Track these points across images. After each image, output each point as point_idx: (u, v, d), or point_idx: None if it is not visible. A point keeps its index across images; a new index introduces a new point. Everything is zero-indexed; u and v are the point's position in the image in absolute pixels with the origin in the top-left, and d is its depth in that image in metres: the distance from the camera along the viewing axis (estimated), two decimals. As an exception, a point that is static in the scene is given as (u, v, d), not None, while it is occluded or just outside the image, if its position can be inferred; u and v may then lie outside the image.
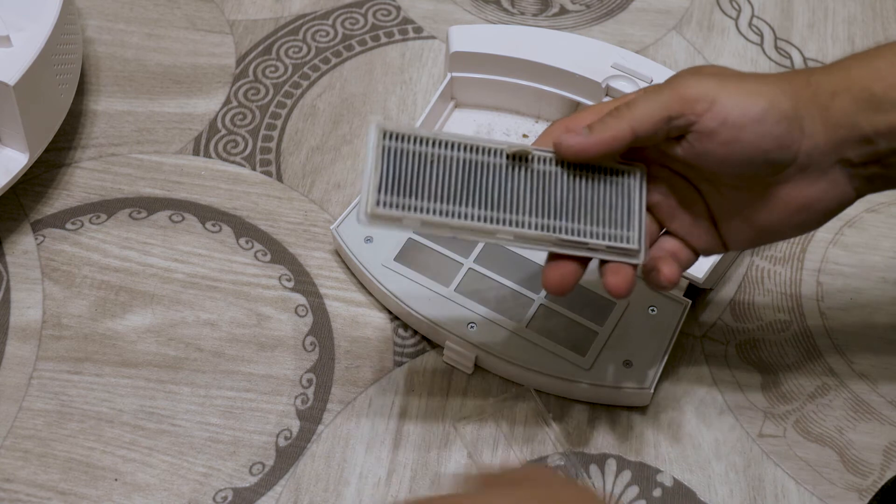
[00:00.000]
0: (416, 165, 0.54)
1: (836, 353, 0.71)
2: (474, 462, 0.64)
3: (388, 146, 0.54)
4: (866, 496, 0.65)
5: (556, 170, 0.56)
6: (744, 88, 0.53)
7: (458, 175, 0.54)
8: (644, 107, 0.53)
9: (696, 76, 0.54)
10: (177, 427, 0.67)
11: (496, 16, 0.90)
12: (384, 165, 0.53)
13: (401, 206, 0.54)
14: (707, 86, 0.53)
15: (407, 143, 0.54)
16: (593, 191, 0.56)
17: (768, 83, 0.54)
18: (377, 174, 0.53)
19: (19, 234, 0.76)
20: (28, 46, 0.72)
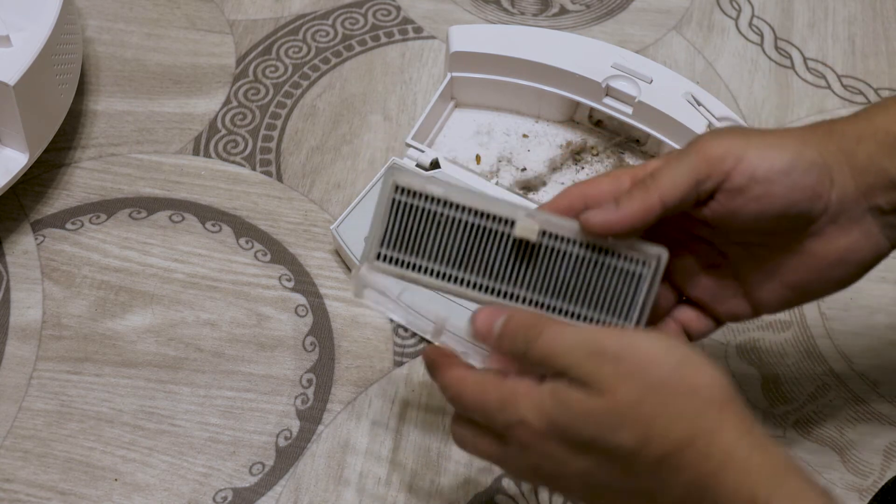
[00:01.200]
0: (423, 224, 0.53)
1: (836, 352, 0.71)
2: None
3: (398, 200, 0.53)
4: (866, 496, 0.65)
5: (565, 247, 0.53)
6: (768, 142, 0.52)
7: (463, 240, 0.53)
8: (670, 175, 0.51)
9: (717, 136, 0.53)
10: (177, 427, 0.67)
11: (496, 16, 0.90)
12: (391, 220, 0.53)
13: (401, 264, 0.53)
14: (731, 143, 0.52)
15: (418, 199, 0.53)
16: (600, 274, 0.54)
17: (792, 135, 0.53)
18: (382, 228, 0.53)
19: (19, 234, 0.76)
20: (28, 46, 0.72)
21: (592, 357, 0.47)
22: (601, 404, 0.47)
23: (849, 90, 0.86)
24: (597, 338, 0.48)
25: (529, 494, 0.65)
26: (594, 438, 0.47)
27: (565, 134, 0.80)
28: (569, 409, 0.47)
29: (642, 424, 0.46)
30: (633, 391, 0.46)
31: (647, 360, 0.47)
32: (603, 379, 0.47)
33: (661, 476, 0.47)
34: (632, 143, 0.80)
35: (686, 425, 0.46)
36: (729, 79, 0.86)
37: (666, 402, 0.46)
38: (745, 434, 0.46)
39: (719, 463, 0.45)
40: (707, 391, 0.47)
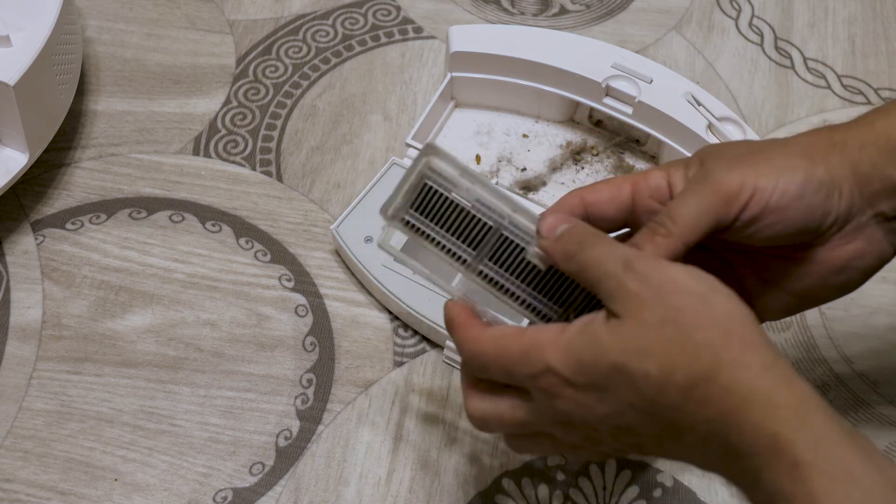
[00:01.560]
0: (446, 207, 0.53)
1: (836, 352, 0.71)
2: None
3: (428, 176, 0.53)
4: (866, 496, 0.65)
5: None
6: (777, 167, 0.52)
7: (482, 231, 0.53)
8: (690, 216, 0.51)
9: (728, 167, 0.52)
10: (177, 427, 0.67)
11: (496, 16, 0.90)
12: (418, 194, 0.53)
13: (418, 231, 0.54)
14: (742, 174, 0.51)
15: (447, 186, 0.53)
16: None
17: (798, 154, 0.52)
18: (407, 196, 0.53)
19: (19, 234, 0.76)
20: (28, 46, 0.72)
21: (626, 271, 0.48)
22: (627, 328, 0.47)
23: (849, 90, 0.86)
24: (634, 256, 0.48)
25: (529, 495, 0.65)
26: (622, 365, 0.47)
27: (565, 134, 0.80)
28: (596, 341, 0.47)
29: (667, 352, 0.46)
30: (656, 314, 0.46)
31: (672, 285, 0.47)
32: (630, 296, 0.47)
33: (687, 410, 0.46)
34: (632, 143, 0.80)
35: (709, 356, 0.46)
36: (729, 79, 0.86)
37: (689, 329, 0.46)
38: (768, 368, 0.45)
39: (742, 398, 0.45)
40: (731, 323, 0.46)
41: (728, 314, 0.47)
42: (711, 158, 0.53)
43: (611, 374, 0.47)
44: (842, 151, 0.53)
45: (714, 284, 0.48)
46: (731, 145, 0.54)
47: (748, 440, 0.45)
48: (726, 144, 0.54)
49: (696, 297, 0.47)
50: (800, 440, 0.44)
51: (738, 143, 0.55)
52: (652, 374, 0.46)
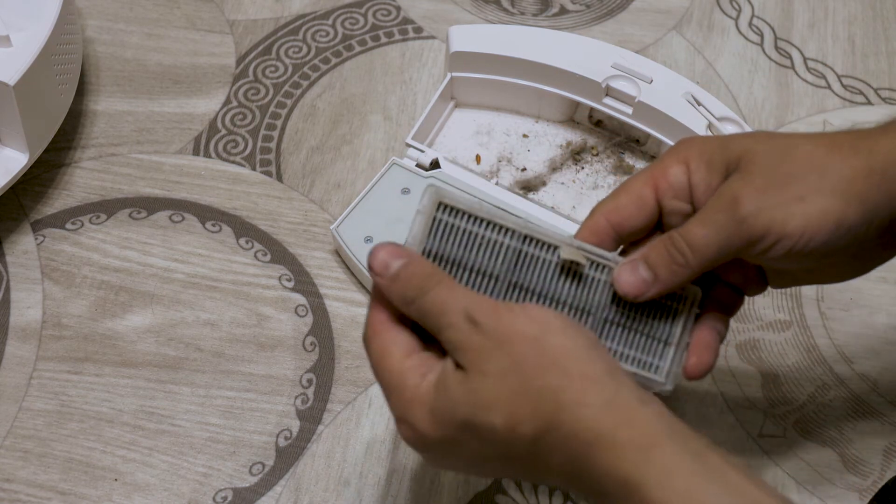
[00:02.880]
0: (463, 244, 0.51)
1: (836, 352, 0.71)
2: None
3: (440, 219, 0.51)
4: (866, 496, 0.65)
5: (605, 279, 0.53)
6: (808, 209, 0.49)
7: (503, 262, 0.52)
8: (708, 249, 0.50)
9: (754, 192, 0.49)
10: (177, 427, 0.67)
11: (496, 16, 0.90)
12: (431, 239, 0.51)
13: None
14: (770, 215, 0.49)
15: (460, 219, 0.51)
16: (636, 310, 0.53)
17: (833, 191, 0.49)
18: (421, 247, 0.51)
19: (19, 234, 0.76)
20: (28, 46, 0.72)
21: (467, 323, 0.47)
22: (473, 381, 0.46)
23: (849, 90, 0.86)
24: (475, 305, 0.47)
25: (529, 494, 0.65)
26: (469, 420, 0.46)
27: (565, 134, 0.80)
28: (447, 395, 0.47)
29: (511, 403, 0.45)
30: (499, 365, 0.46)
31: (511, 333, 0.46)
32: (473, 349, 0.46)
33: (540, 458, 0.46)
34: (632, 143, 0.80)
35: (551, 402, 0.45)
36: (729, 79, 0.86)
37: (529, 377, 0.45)
38: (608, 404, 0.44)
39: (586, 443, 0.44)
40: (567, 361, 0.45)
41: (564, 353, 0.46)
42: (740, 175, 0.50)
43: (461, 428, 0.47)
44: (880, 183, 0.50)
45: (549, 324, 0.46)
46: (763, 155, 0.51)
47: (601, 483, 0.44)
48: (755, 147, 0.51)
49: (531, 342, 0.46)
50: (648, 479, 0.43)
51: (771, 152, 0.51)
52: (497, 428, 0.46)
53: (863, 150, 0.50)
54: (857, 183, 0.49)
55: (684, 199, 0.52)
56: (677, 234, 0.51)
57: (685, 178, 0.52)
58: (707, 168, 0.52)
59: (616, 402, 0.45)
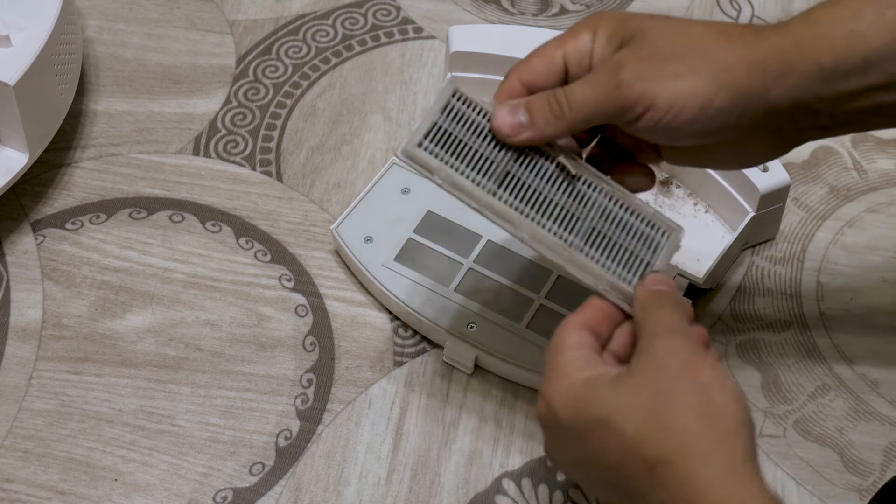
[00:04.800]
0: (471, 133, 0.55)
1: (836, 352, 0.71)
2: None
3: (453, 104, 0.56)
4: (866, 496, 0.65)
5: (598, 197, 0.56)
6: (680, 85, 0.52)
7: (505, 159, 0.55)
8: (584, 108, 0.53)
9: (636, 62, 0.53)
10: (177, 427, 0.67)
11: (496, 16, 0.90)
12: (442, 118, 0.55)
13: (441, 159, 0.55)
14: (644, 86, 0.52)
15: (472, 110, 0.56)
16: (622, 229, 0.56)
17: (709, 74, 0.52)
18: (431, 121, 0.55)
19: (19, 234, 0.76)
20: (28, 46, 0.72)
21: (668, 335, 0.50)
22: (627, 387, 0.48)
23: (849, 90, 0.86)
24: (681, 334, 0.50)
25: (530, 495, 0.65)
26: (604, 418, 0.48)
27: (565, 134, 0.80)
28: (595, 390, 0.49)
29: (647, 420, 0.47)
30: (659, 385, 0.48)
31: (691, 370, 0.48)
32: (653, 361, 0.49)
33: (645, 485, 0.47)
34: (632, 143, 0.80)
35: (680, 441, 0.46)
36: (729, 79, 0.86)
37: (675, 410, 0.47)
38: (732, 468, 0.46)
39: (696, 491, 0.46)
40: (717, 420, 0.47)
41: (720, 412, 0.47)
42: (629, 47, 0.54)
43: (594, 424, 0.48)
44: (758, 74, 0.52)
45: (724, 382, 0.49)
46: (656, 32, 0.54)
47: None
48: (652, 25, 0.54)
49: (701, 386, 0.48)
50: None
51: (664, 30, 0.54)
52: (626, 436, 0.47)
53: (750, 41, 0.53)
54: (735, 71, 0.52)
55: (585, 67, 0.55)
56: (561, 90, 0.54)
57: (590, 46, 0.55)
58: (607, 39, 0.55)
59: (739, 472, 0.46)
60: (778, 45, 0.53)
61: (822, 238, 0.77)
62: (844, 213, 0.78)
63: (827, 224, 0.77)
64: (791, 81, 0.52)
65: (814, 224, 0.77)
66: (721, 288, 0.74)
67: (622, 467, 0.48)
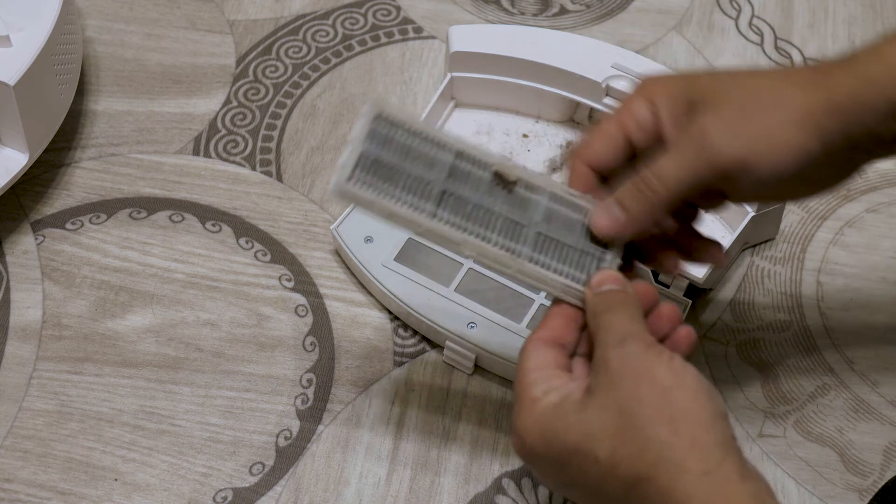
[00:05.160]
0: (400, 155, 0.53)
1: (836, 353, 0.71)
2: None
3: (377, 129, 0.52)
4: (866, 496, 0.65)
5: (540, 199, 0.54)
6: (772, 139, 0.51)
7: (440, 177, 0.53)
8: (677, 182, 0.52)
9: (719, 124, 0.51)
10: (177, 427, 0.67)
11: (496, 16, 0.90)
12: (369, 145, 0.52)
13: (374, 189, 0.52)
14: (736, 148, 0.51)
15: (398, 131, 0.53)
16: (569, 229, 0.55)
17: (795, 122, 0.51)
18: (357, 151, 0.52)
19: (19, 234, 0.76)
20: (28, 46, 0.72)
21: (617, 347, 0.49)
22: (591, 410, 0.48)
23: (849, 90, 0.86)
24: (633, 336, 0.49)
25: (529, 495, 0.65)
26: (576, 447, 0.48)
27: (565, 134, 0.80)
28: (563, 417, 0.49)
29: (616, 440, 0.47)
30: (619, 399, 0.48)
31: (646, 374, 0.48)
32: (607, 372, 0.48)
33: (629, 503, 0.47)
34: (632, 143, 0.80)
35: (654, 454, 0.46)
36: (729, 79, 0.86)
37: (642, 423, 0.47)
38: (709, 473, 0.46)
39: (678, 502, 0.46)
40: (684, 421, 0.47)
41: (684, 412, 0.47)
42: (704, 109, 0.52)
43: (568, 453, 0.48)
44: (839, 116, 0.52)
45: (683, 379, 0.48)
46: (725, 88, 0.53)
47: None
48: (718, 84, 0.53)
49: (660, 390, 0.47)
50: None
51: (733, 85, 0.53)
52: (600, 460, 0.47)
53: (822, 84, 0.52)
54: (817, 116, 0.52)
55: (652, 136, 0.54)
56: (647, 170, 0.52)
57: (651, 117, 0.54)
58: (672, 104, 0.53)
59: (716, 473, 0.46)
60: (851, 86, 0.52)
61: (822, 238, 0.77)
62: (844, 213, 0.78)
63: (827, 224, 0.77)
64: (867, 119, 0.52)
65: (814, 224, 0.77)
66: (721, 288, 0.74)
67: (604, 489, 0.48)
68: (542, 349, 0.52)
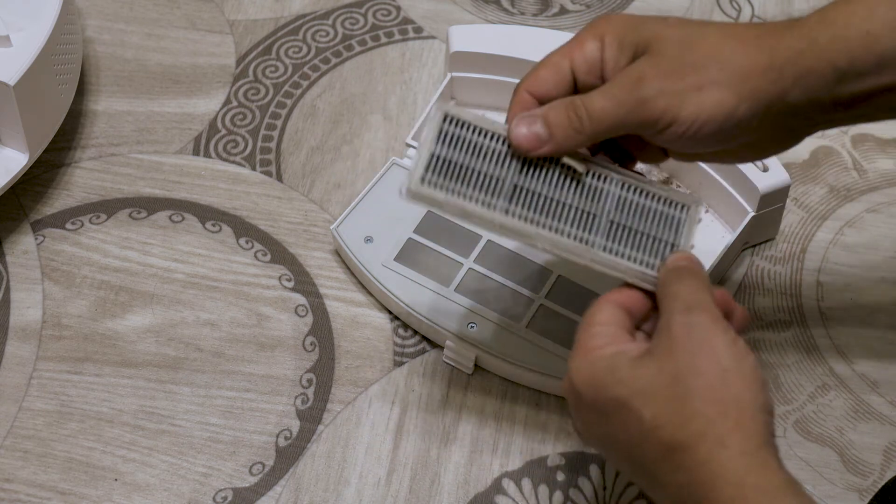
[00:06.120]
0: (470, 154, 0.55)
1: (836, 353, 0.71)
2: None
3: (446, 130, 0.55)
4: (866, 496, 0.65)
5: (608, 188, 0.56)
6: (703, 97, 0.52)
7: (510, 173, 0.55)
8: (605, 121, 0.53)
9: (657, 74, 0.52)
10: (177, 427, 0.67)
11: (496, 16, 0.90)
12: (438, 147, 0.54)
13: (446, 189, 0.54)
14: (668, 100, 0.52)
15: (466, 131, 0.55)
16: (640, 215, 0.56)
17: (730, 83, 0.52)
18: (428, 153, 0.54)
19: (19, 234, 0.76)
20: (28, 46, 0.72)
21: (683, 314, 0.50)
22: (646, 369, 0.48)
23: (849, 90, 0.86)
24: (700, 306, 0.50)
25: (529, 495, 0.65)
26: (623, 401, 0.48)
27: (565, 134, 0.80)
28: (616, 369, 0.49)
29: (665, 404, 0.47)
30: (677, 367, 0.48)
31: (708, 350, 0.48)
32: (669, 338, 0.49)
33: (663, 468, 0.47)
34: (632, 143, 0.80)
35: (698, 426, 0.47)
36: (729, 79, 0.86)
37: (693, 395, 0.47)
38: (748, 453, 0.47)
39: (713, 474, 0.46)
40: (733, 405, 0.47)
41: (736, 399, 0.48)
42: (647, 58, 0.53)
43: (614, 404, 0.49)
44: (776, 79, 0.52)
45: (742, 365, 0.49)
46: (673, 41, 0.53)
47: None
48: (665, 32, 0.54)
49: (719, 369, 0.48)
50: None
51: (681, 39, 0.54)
52: (644, 419, 0.48)
53: (766, 46, 0.53)
54: (754, 78, 0.52)
55: (596, 74, 0.55)
56: (579, 100, 0.53)
57: (598, 54, 0.55)
58: (618, 47, 0.54)
59: (756, 454, 0.47)
60: (795, 48, 0.53)
61: (822, 238, 0.77)
62: (844, 213, 0.78)
63: (827, 224, 0.77)
64: (808, 83, 0.53)
65: (814, 224, 0.77)
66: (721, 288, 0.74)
67: (641, 448, 0.48)
68: (611, 308, 0.53)
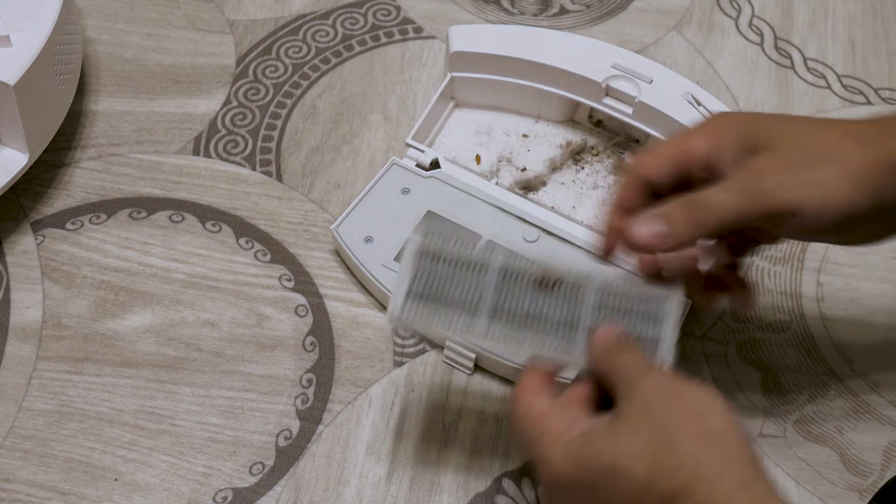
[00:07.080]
0: (447, 282, 0.57)
1: (836, 353, 0.71)
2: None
3: (422, 266, 0.57)
4: (866, 496, 0.65)
5: (588, 295, 0.57)
6: (824, 191, 0.53)
7: (487, 295, 0.56)
8: (727, 216, 0.54)
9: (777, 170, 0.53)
10: (177, 427, 0.68)
11: (496, 16, 0.90)
12: (415, 283, 0.56)
13: (427, 314, 0.56)
14: (790, 195, 0.53)
15: (442, 264, 0.57)
16: (621, 316, 0.57)
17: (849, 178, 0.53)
18: (405, 289, 0.56)
19: (19, 234, 0.76)
20: (28, 46, 0.72)
21: (645, 376, 0.51)
22: (624, 433, 0.49)
23: (849, 90, 0.86)
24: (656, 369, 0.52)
25: (529, 495, 0.65)
26: (611, 465, 0.49)
27: (565, 134, 0.80)
28: (594, 442, 0.50)
29: (653, 456, 0.48)
30: (654, 422, 0.49)
31: (678, 399, 0.50)
32: (639, 398, 0.50)
33: None
34: (632, 143, 0.80)
35: (690, 470, 0.48)
36: (729, 79, 0.86)
37: (677, 443, 0.48)
38: (745, 486, 0.47)
39: None
40: (718, 440, 0.49)
41: (718, 431, 0.49)
42: (764, 151, 0.54)
43: (601, 473, 0.49)
44: (891, 176, 0.54)
45: (713, 402, 0.50)
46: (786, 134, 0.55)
47: None
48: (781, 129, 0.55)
49: (693, 412, 0.49)
50: None
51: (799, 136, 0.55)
52: (636, 478, 0.48)
53: (880, 143, 0.54)
54: (872, 174, 0.53)
55: (708, 170, 0.55)
56: (698, 195, 0.54)
57: (711, 149, 0.55)
58: (735, 141, 0.55)
59: (753, 486, 0.48)
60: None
61: (822, 238, 0.77)
62: (844, 213, 0.78)
63: (827, 224, 0.77)
64: None
65: (814, 224, 0.77)
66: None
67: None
68: (543, 391, 0.54)
